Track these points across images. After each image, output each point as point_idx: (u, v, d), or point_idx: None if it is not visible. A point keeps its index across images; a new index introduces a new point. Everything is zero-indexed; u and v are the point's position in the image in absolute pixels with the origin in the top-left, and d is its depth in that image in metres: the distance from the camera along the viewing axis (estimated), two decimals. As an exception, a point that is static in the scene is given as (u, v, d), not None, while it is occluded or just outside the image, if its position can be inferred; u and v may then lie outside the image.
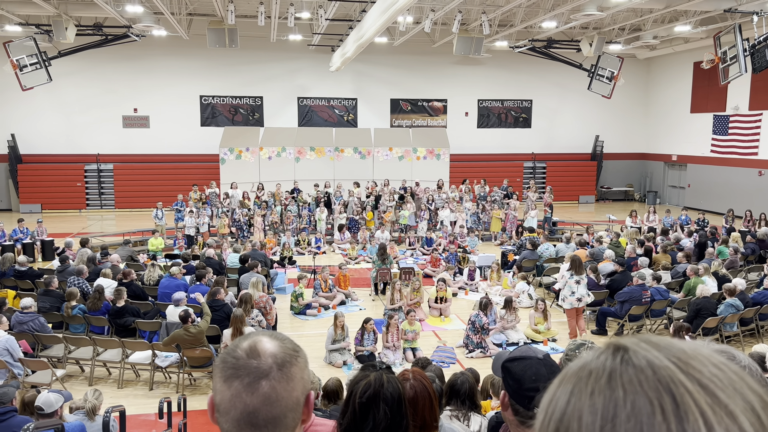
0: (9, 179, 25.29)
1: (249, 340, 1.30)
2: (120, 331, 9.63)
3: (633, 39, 23.28)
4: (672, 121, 28.43)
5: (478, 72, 28.19)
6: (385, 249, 14.12)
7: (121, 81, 25.56)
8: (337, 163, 23.17)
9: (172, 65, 25.86)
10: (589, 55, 22.25)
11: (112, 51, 23.87)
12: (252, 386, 1.22)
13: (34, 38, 19.41)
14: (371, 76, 27.47)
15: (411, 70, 27.62)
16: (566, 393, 0.67)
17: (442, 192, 20.68)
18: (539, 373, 1.82)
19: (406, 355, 9.74)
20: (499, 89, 28.61)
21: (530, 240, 15.01)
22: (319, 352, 9.71)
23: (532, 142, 28.96)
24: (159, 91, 25.92)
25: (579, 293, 10.41)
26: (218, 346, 9.00)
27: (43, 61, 19.70)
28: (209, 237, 17.48)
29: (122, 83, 25.59)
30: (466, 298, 13.42)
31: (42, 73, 19.78)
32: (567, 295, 10.48)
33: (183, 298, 9.61)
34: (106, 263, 12.58)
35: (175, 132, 26.09)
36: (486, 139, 28.60)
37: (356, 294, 13.45)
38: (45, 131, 25.33)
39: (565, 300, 10.51)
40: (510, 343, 10.44)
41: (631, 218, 18.92)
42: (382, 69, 27.43)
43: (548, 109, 29.06)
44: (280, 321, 11.15)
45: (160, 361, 8.81)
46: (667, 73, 28.63)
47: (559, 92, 28.84)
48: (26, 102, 24.47)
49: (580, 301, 10.43)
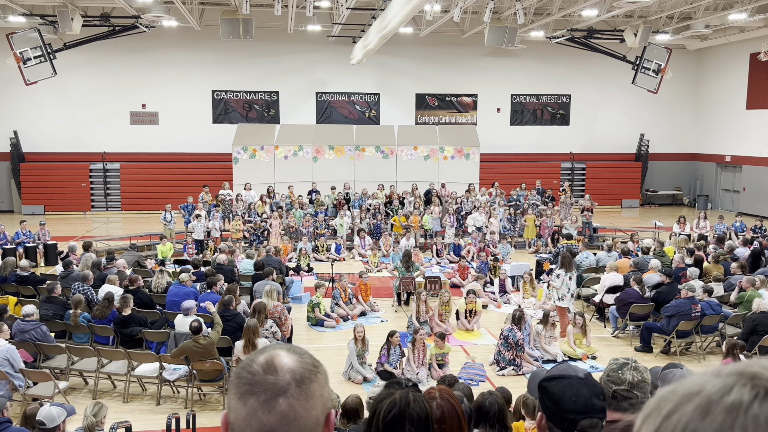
0: (11, 179, 25.84)
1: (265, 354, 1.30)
2: (126, 341, 9.76)
3: (682, 28, 22.97)
4: (725, 119, 27.97)
5: (512, 65, 28.07)
6: (410, 256, 14.13)
7: (128, 75, 25.98)
8: (357, 162, 23.25)
9: (182, 58, 26.21)
10: (633, 46, 22.02)
11: (119, 43, 24.29)
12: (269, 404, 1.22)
13: (38, 30, 19.83)
14: (395, 69, 27.52)
15: (438, 63, 27.61)
16: (696, 416, 0.66)
17: (471, 196, 20.61)
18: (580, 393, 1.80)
19: (431, 372, 9.71)
20: (534, 83, 28.45)
21: (568, 248, 14.86)
22: (337, 367, 9.72)
23: (570, 140, 28.74)
24: (169, 86, 26.28)
25: (572, 290, 11.43)
26: (230, 359, 9.07)
27: (47, 53, 20.12)
28: (221, 242, 17.64)
29: (130, 77, 26.00)
30: (497, 311, 13.34)
31: (46, 66, 20.19)
32: (566, 293, 11.26)
33: (193, 307, 9.70)
34: (112, 269, 12.76)
35: (186, 129, 26.42)
36: (520, 137, 28.45)
37: (378, 305, 13.46)
38: (49, 128, 25.84)
39: (564, 299, 11.30)
40: (546, 360, 10.35)
41: (680, 225, 18.64)
42: (406, 62, 27.46)
43: (588, 104, 28.81)
44: (295, 332, 11.20)
45: (167, 374, 8.90)
46: (720, 66, 28.20)
47: (601, 86, 28.57)
48: (29, 97, 25.00)
49: (563, 300, 11.38)
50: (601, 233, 20.94)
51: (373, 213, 19.62)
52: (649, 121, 29.09)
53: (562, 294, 11.34)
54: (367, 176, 22.60)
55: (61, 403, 7.61)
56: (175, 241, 18.39)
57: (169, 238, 18.10)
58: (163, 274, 12.37)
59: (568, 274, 11.31)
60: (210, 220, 18.39)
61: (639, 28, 21.24)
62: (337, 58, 26.56)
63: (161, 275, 12.29)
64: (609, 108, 28.94)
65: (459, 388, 5.47)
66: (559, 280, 11.36)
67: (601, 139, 28.91)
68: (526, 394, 5.17)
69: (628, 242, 16.46)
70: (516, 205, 20.09)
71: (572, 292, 11.40)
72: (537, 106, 28.78)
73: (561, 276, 11.33)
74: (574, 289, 11.47)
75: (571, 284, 11.38)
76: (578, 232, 18.59)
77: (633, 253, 14.91)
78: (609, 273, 12.64)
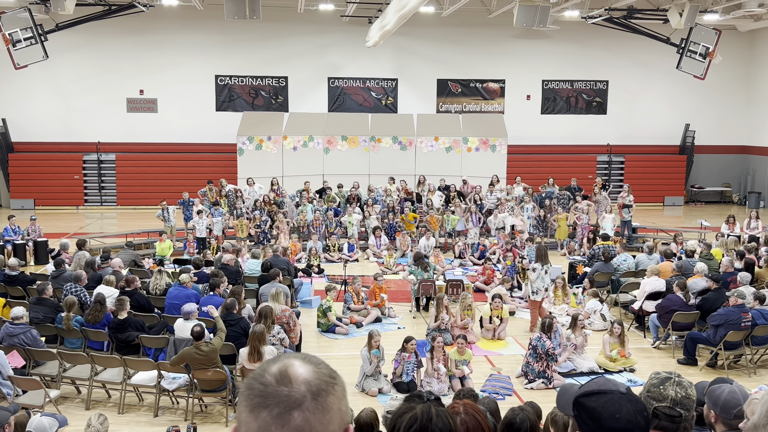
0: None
1: (279, 363, 1.31)
2: (121, 347, 9.85)
3: (733, 7, 22.69)
4: (781, 107, 27.63)
5: (543, 47, 27.91)
6: (421, 257, 14.06)
7: (125, 59, 26.19)
8: (373, 154, 23.26)
9: (183, 40, 26.37)
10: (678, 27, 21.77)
11: (115, 24, 24.49)
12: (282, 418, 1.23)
13: (29, 9, 20.01)
14: (415, 52, 27.47)
15: (462, 46, 27.53)
16: None
17: (495, 190, 20.53)
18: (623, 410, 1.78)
19: (453, 384, 9.70)
20: (568, 68, 28.28)
21: (603, 250, 14.78)
22: (350, 378, 9.76)
23: (607, 131, 28.54)
24: (168, 71, 26.46)
25: (546, 284, 12.09)
26: (233, 368, 9.13)
27: (38, 35, 20.31)
28: (224, 240, 17.74)
29: (127, 61, 26.21)
30: (525, 318, 13.29)
31: (37, 49, 20.38)
32: (540, 288, 11.97)
33: (194, 311, 9.77)
34: (107, 268, 12.88)
35: (187, 117, 26.59)
36: (551, 127, 28.31)
37: (394, 310, 13.46)
38: (39, 116, 26.13)
39: (538, 293, 12.00)
40: (579, 373, 10.30)
41: (728, 225, 18.45)
42: (427, 44, 27.41)
43: (628, 91, 28.59)
44: (304, 339, 11.24)
45: (166, 383, 8.98)
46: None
47: (642, 72, 28.33)
48: (19, 82, 25.28)
49: (537, 294, 12.08)
50: (642, 234, 20.77)
51: (386, 211, 19.60)
52: (695, 110, 28.80)
53: (536, 288, 12.02)
54: (383, 169, 22.60)
55: (52, 414, 7.71)
56: (175, 239, 18.53)
57: (169, 235, 18.24)
58: (162, 274, 12.46)
59: (544, 267, 11.96)
60: (212, 215, 18.48)
61: (685, 7, 21.00)
62: (351, 41, 26.57)
63: (160, 276, 12.38)
64: (651, 95, 28.68)
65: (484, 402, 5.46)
66: (534, 274, 11.98)
67: (642, 129, 28.67)
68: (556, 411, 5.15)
69: (671, 244, 16.32)
70: (541, 203, 19.99)
71: (547, 286, 12.12)
72: (571, 93, 28.60)
73: (537, 270, 11.96)
74: (549, 284, 12.21)
75: (546, 278, 12.03)
76: (616, 233, 18.47)
77: (676, 255, 14.79)
78: (650, 278, 12.55)
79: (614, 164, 28.58)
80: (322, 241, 18.42)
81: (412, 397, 2.14)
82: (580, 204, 19.49)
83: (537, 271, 11.97)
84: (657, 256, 14.66)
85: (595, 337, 11.58)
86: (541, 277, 11.97)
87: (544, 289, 12.11)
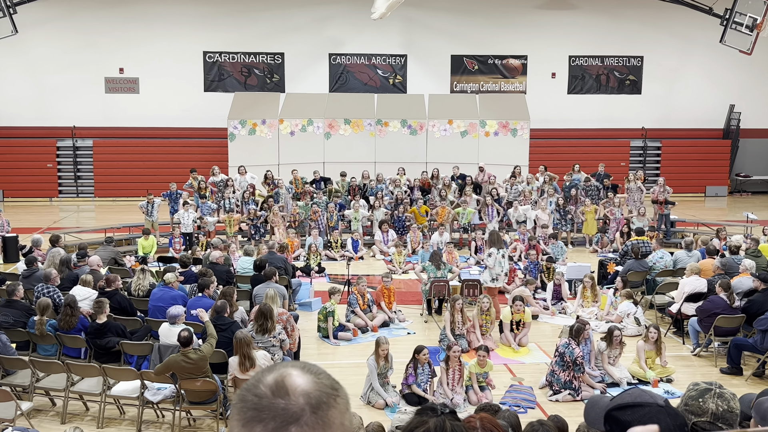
0: (-36, 158, 26.30)
1: (274, 373, 1.31)
2: (100, 354, 9.88)
3: (784, -27, 22.55)
4: (838, 86, 27.47)
5: (570, 20, 27.81)
6: (440, 255, 14.09)
7: (103, 33, 26.22)
8: (379, 140, 23.25)
9: (168, 12, 26.39)
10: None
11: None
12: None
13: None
14: (426, 25, 27.41)
15: (479, 18, 27.45)
16: None
17: (517, 181, 20.48)
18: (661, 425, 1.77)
19: (470, 396, 9.71)
20: (598, 42, 28.17)
21: (633, 246, 14.75)
22: (354, 388, 9.77)
23: (642, 113, 28.43)
24: (152, 47, 26.48)
25: (505, 269, 13.06)
26: (224, 377, 9.15)
27: (6, 7, 20.36)
28: (215, 236, 17.78)
29: (105, 36, 26.24)
30: (550, 322, 13.28)
31: (5, 23, 20.44)
32: (499, 273, 12.84)
33: (181, 314, 9.79)
34: (84, 267, 12.92)
35: (172, 99, 26.63)
36: (579, 109, 28.22)
37: (403, 313, 13.47)
38: (7, 97, 26.21)
39: (498, 279, 12.88)
40: (611, 384, 10.29)
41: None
42: (440, 16, 27.34)
43: (665, 68, 28.46)
44: (304, 346, 11.26)
45: (150, 394, 9.01)
46: (831, 20, 27.66)
47: (681, 46, 28.20)
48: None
49: (497, 280, 12.93)
50: (680, 228, 20.70)
51: (394, 203, 19.59)
52: (740, 89, 28.64)
53: (495, 274, 12.82)
54: (390, 156, 22.57)
55: (24, 428, 7.75)
56: (159, 235, 18.57)
57: (152, 230, 18.29)
58: (145, 273, 12.49)
59: (501, 251, 12.84)
60: (199, 208, 18.51)
61: (730, -27, 20.90)
62: (354, 12, 26.52)
63: (143, 275, 12.41)
64: (691, 73, 28.54)
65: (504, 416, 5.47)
66: (491, 259, 12.80)
67: (681, 111, 28.54)
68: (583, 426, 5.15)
69: (714, 239, 16.25)
70: (566, 194, 19.92)
71: (505, 270, 13.07)
72: (601, 70, 28.49)
73: (493, 255, 12.79)
74: (506, 268, 13.18)
75: (504, 262, 12.90)
76: (651, 227, 18.41)
77: (719, 252, 14.73)
78: (689, 277, 12.51)
79: (650, 150, 28.49)
80: (323, 236, 18.42)
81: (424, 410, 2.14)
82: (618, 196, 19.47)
83: (493, 255, 12.75)
84: (697, 252, 14.60)
85: (629, 344, 11.54)
86: (498, 262, 12.78)
87: (504, 274, 13.08)
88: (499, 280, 12.96)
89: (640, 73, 28.66)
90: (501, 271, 12.88)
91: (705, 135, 28.77)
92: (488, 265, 12.93)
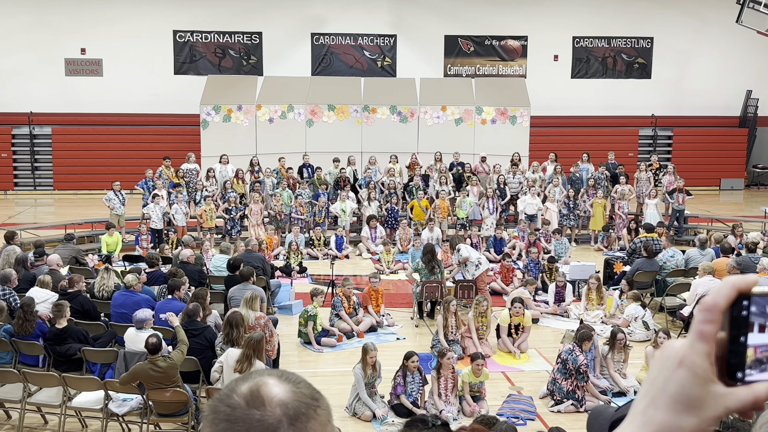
0: None
1: (249, 382, 1.31)
2: (60, 362, 9.83)
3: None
4: None
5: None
6: (433, 252, 14.07)
7: (63, 9, 26.07)
8: (366, 128, 23.23)
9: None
10: (739, -28, 21.77)
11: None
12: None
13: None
14: (417, 2, 27.41)
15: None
16: None
17: (518, 171, 20.54)
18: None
19: (463, 407, 9.74)
20: (604, 22, 28.25)
21: (645, 243, 14.80)
22: (339, 399, 9.78)
23: (652, 99, 28.52)
24: (116, 25, 26.33)
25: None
26: (196, 387, 9.14)
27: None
28: (186, 232, 17.73)
29: (65, 13, 26.10)
30: (552, 327, 13.33)
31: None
32: (480, 257, 13.95)
33: (149, 319, 9.76)
34: (42, 267, 12.88)
35: (139, 82, 26.49)
36: (584, 94, 28.28)
37: (392, 317, 13.48)
38: (-42, 80, 26.01)
39: (481, 264, 13.73)
40: (617, 393, 10.35)
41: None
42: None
43: (677, 51, 28.56)
44: (284, 353, 11.26)
45: (115, 406, 8.98)
46: None
47: (694, 27, 28.31)
48: (-67, 39, 25.18)
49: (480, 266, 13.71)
50: (693, 224, 20.80)
51: (386, 194, 19.60)
52: (758, 73, 28.79)
53: (477, 259, 13.87)
54: (378, 146, 22.55)
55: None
56: (125, 231, 18.50)
57: (117, 226, 18.22)
58: (110, 273, 12.44)
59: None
60: (172, 203, 18.45)
61: (747, -53, 20.99)
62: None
63: (107, 275, 12.36)
64: (705, 56, 28.65)
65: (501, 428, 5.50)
66: (465, 249, 13.98)
67: (694, 97, 28.65)
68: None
69: (729, 236, 16.35)
70: (577, 185, 19.97)
71: (480, 257, 14.09)
72: (608, 52, 28.56)
73: (464, 247, 14.11)
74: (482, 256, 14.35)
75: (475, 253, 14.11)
76: (660, 223, 18.48)
77: (735, 250, 14.81)
78: (702, 277, 12.57)
79: (660, 139, 28.59)
80: (304, 233, 18.40)
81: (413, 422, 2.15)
82: (622, 187, 19.48)
83: (465, 247, 14.29)
84: (711, 251, 14.68)
85: (636, 350, 11.59)
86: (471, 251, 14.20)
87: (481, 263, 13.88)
88: (483, 265, 13.79)
89: (650, 55, 28.74)
90: (477, 257, 13.93)
91: (720, 123, 28.88)
92: (470, 259, 13.78)
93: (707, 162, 28.00)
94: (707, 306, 1.02)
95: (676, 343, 1.05)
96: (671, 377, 1.02)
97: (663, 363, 1.05)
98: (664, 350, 1.05)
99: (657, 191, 19.71)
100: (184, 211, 18.43)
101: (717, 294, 1.02)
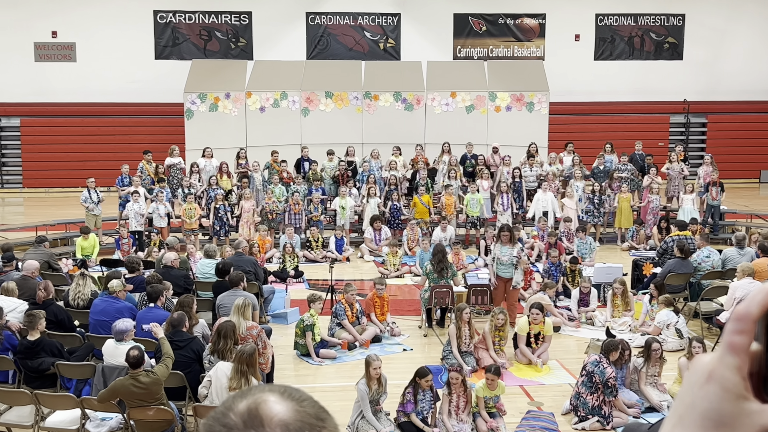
0: None
1: (248, 399, 1.31)
2: (32, 378, 9.84)
3: None
4: None
5: (597, -30, 27.88)
6: (444, 254, 14.01)
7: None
8: (367, 117, 23.22)
9: (110, -37, 26.26)
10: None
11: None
12: (250, 471, 1.23)
13: None
14: (423, -23, 27.41)
15: (487, -32, 27.47)
16: None
17: (535, 164, 20.51)
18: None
19: (477, 424, 9.73)
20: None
21: (678, 242, 14.78)
22: (340, 416, 9.77)
23: (684, 83, 28.49)
24: (91, 5, 26.36)
25: None
26: (182, 404, 9.14)
27: None
28: (169, 234, 17.74)
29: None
30: (575, 335, 13.31)
31: None
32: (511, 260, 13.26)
33: (130, 330, 9.76)
34: (11, 273, 12.87)
35: (116, 69, 26.49)
36: (608, 78, 28.26)
37: (398, 326, 13.46)
38: None
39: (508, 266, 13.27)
40: (648, 408, 10.34)
41: None
42: (440, -34, 27.34)
43: (711, 29, 28.53)
44: (278, 366, 11.24)
45: (93, 426, 8.99)
46: None
47: (729, 3, 28.27)
48: None
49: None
50: (730, 220, 20.77)
51: (389, 190, 19.57)
52: (802, 53, 28.78)
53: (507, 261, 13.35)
54: (381, 137, 22.53)
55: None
56: (102, 233, 18.49)
57: (94, 228, 18.23)
58: (86, 279, 12.44)
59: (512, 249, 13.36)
60: (153, 201, 18.46)
61: None
62: (337, -37, 26.53)
63: (83, 282, 12.36)
64: (741, 35, 28.62)
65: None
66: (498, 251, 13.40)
67: (730, 80, 28.62)
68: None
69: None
70: (601, 179, 19.95)
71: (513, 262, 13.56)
72: (635, 31, 28.53)
73: (494, 252, 13.49)
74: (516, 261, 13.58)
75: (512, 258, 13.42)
76: (693, 219, 18.46)
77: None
78: (741, 279, 12.53)
79: (693, 127, 28.55)
80: (300, 234, 18.39)
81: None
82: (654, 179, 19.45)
83: (494, 252, 13.56)
84: (751, 250, 14.64)
85: (669, 360, 11.57)
86: (507, 254, 13.35)
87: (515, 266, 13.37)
88: (517, 271, 13.30)
89: (681, 34, 28.71)
90: (509, 261, 13.21)
91: (758, 109, 28.83)
92: (493, 258, 13.41)
93: (745, 152, 27.97)
94: (739, 315, 1.01)
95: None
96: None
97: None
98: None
99: (693, 185, 19.68)
100: (166, 210, 18.41)
101: (750, 301, 1.01)
